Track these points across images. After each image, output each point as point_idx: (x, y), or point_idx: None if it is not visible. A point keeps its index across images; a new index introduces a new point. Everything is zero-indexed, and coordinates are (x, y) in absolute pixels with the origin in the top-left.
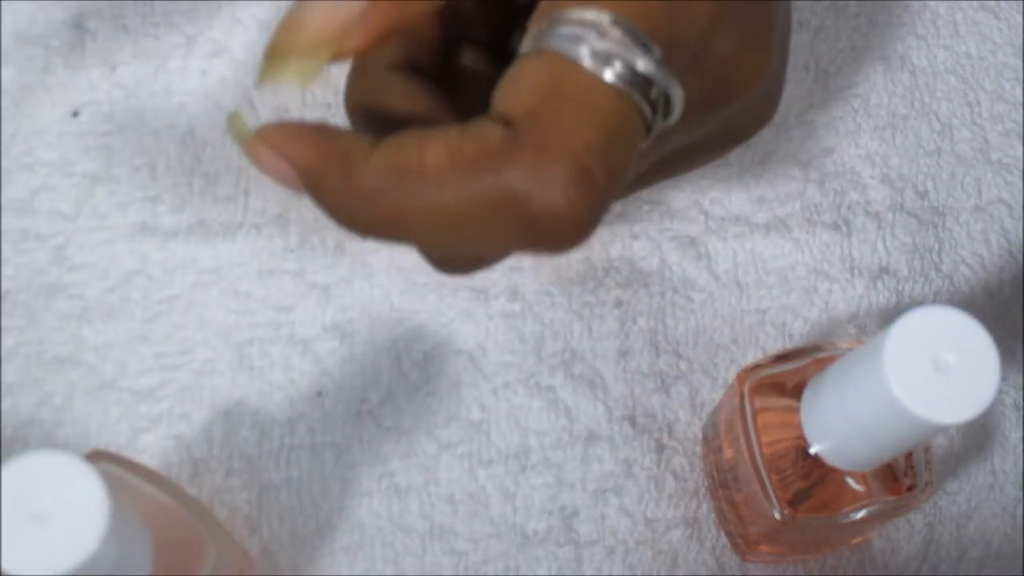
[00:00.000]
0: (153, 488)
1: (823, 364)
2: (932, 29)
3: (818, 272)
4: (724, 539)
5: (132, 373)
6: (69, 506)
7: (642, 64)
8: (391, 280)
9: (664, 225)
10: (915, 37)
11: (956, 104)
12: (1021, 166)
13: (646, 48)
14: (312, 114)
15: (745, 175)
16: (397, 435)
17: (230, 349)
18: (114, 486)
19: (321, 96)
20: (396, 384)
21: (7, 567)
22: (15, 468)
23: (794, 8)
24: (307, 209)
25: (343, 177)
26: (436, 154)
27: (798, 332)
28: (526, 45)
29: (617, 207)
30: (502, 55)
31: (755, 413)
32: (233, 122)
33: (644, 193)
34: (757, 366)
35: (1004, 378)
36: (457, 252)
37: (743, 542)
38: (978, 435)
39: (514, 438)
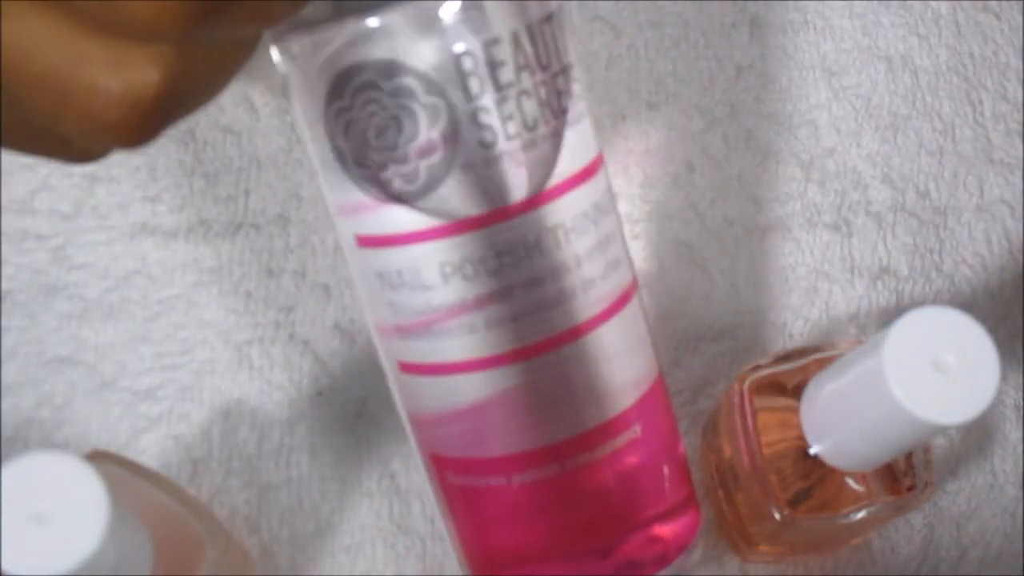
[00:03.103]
0: (153, 488)
1: (823, 364)
2: (934, 29)
3: (818, 272)
4: (724, 539)
5: (132, 373)
6: (69, 506)
7: None
8: None
9: (662, 226)
10: (917, 37)
11: (958, 104)
12: (1023, 166)
13: None
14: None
15: (746, 175)
16: (398, 436)
17: (230, 349)
18: (114, 486)
19: None
20: None
21: (7, 567)
22: (15, 468)
23: (798, 7)
24: (307, 209)
25: None
26: None
27: (798, 332)
28: None
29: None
30: None
31: (755, 413)
32: None
33: (643, 195)
34: (757, 366)
35: (1004, 378)
36: None
37: (743, 542)
38: (978, 435)
39: None
